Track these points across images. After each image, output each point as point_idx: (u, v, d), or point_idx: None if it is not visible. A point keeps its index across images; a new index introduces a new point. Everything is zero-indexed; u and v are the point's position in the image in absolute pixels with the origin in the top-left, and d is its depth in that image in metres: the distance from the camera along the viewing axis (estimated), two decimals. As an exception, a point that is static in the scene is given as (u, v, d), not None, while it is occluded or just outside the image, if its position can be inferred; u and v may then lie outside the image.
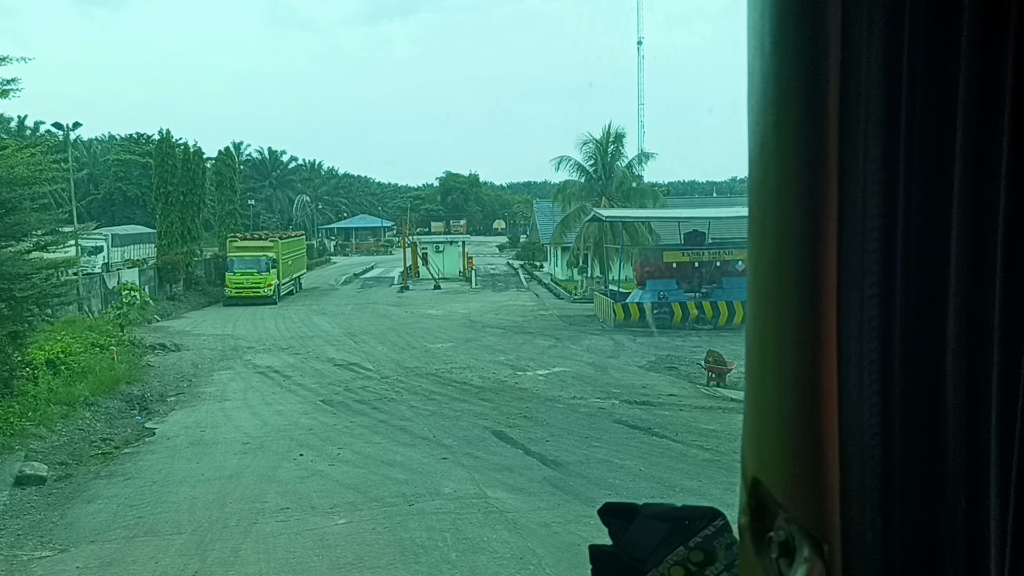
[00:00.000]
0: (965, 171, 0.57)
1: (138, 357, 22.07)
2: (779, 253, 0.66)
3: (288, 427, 14.15)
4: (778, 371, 0.67)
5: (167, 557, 8.12)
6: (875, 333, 0.60)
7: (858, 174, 0.60)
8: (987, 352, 0.57)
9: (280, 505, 9.66)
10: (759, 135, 0.67)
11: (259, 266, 37.89)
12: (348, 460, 11.83)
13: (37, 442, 12.88)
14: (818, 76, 0.60)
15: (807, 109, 0.62)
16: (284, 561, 7.90)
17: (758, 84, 0.66)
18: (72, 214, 30.10)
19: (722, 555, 0.92)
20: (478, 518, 8.99)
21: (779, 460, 0.67)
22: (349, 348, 23.53)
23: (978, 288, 0.57)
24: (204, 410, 16.04)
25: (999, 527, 0.57)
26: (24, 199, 15.16)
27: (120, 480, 11.20)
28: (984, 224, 0.56)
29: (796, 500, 0.65)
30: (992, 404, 0.56)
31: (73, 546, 8.64)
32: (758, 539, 0.70)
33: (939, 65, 0.57)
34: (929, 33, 0.57)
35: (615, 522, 0.96)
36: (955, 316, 0.58)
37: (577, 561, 7.51)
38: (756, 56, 0.66)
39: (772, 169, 0.65)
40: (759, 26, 0.65)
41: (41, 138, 33.61)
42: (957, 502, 0.59)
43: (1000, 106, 0.55)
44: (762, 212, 0.68)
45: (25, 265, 14.97)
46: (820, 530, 0.63)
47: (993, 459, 0.57)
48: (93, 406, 15.68)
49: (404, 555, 8.05)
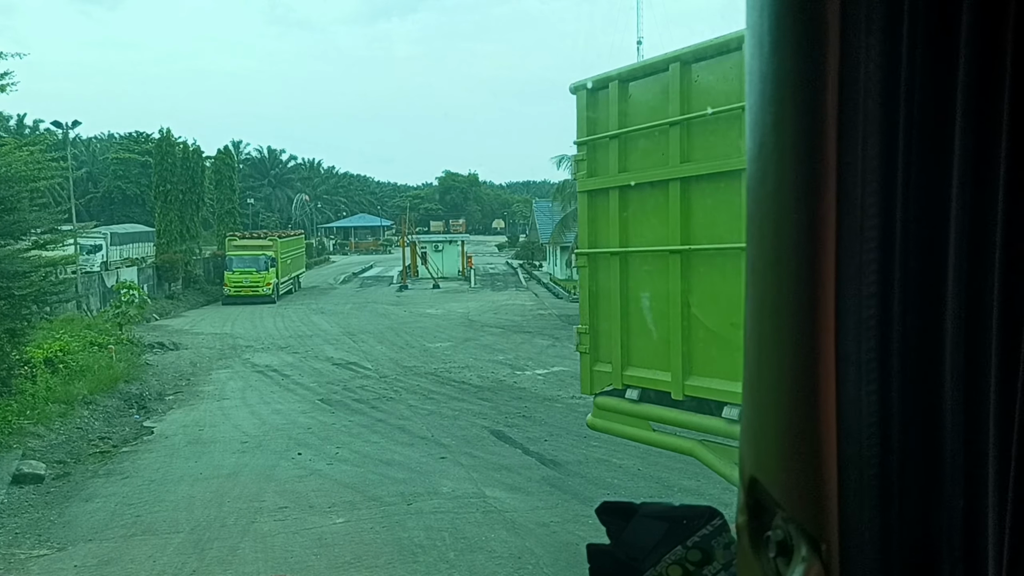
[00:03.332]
0: (963, 170, 0.57)
1: (136, 356, 22.07)
2: (777, 252, 0.66)
3: (286, 426, 14.15)
4: (776, 370, 0.67)
5: (165, 556, 8.12)
6: (873, 332, 0.60)
7: (856, 173, 0.60)
8: (985, 351, 0.57)
9: (278, 504, 9.66)
10: (757, 134, 0.67)
11: (258, 265, 37.90)
12: (346, 459, 11.83)
13: (35, 440, 12.88)
14: (816, 75, 0.60)
15: (805, 108, 0.62)
16: (282, 560, 7.89)
17: (756, 83, 0.66)
18: (71, 212, 30.07)
19: (720, 554, 0.92)
20: (476, 517, 8.99)
21: (777, 459, 0.67)
22: (348, 347, 23.54)
23: (976, 287, 0.57)
24: (202, 409, 16.03)
25: (997, 526, 0.57)
26: (23, 197, 15.15)
27: (118, 479, 11.20)
28: (982, 222, 0.56)
29: (794, 499, 0.65)
30: (990, 403, 0.56)
31: (71, 544, 8.64)
32: (756, 538, 0.70)
33: (937, 64, 0.57)
34: (928, 31, 0.57)
35: (613, 521, 0.97)
36: (953, 315, 0.58)
37: (575, 560, 7.51)
38: (755, 55, 0.66)
39: (770, 168, 0.65)
40: (758, 25, 0.65)
41: (40, 136, 33.56)
42: (955, 501, 0.59)
43: (999, 104, 0.55)
44: (760, 211, 0.68)
45: (24, 263, 14.96)
46: (818, 529, 0.63)
47: (991, 458, 0.57)
48: (91, 405, 15.67)
49: (402, 554, 8.05)
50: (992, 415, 0.56)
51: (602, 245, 7.76)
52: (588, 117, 7.68)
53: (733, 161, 6.18)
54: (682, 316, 6.81)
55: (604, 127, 7.53)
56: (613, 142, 7.42)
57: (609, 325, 7.61)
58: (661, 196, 6.94)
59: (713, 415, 6.54)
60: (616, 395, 7.53)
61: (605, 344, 7.68)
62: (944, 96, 0.57)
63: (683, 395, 6.81)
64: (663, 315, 7.00)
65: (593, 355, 7.88)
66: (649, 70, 7.12)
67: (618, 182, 7.43)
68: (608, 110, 7.41)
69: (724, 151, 6.37)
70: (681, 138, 6.73)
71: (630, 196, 7.37)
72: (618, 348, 7.46)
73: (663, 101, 6.86)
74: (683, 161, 6.74)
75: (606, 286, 7.71)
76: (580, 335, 8.07)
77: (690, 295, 6.80)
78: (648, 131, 7.15)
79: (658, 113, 6.93)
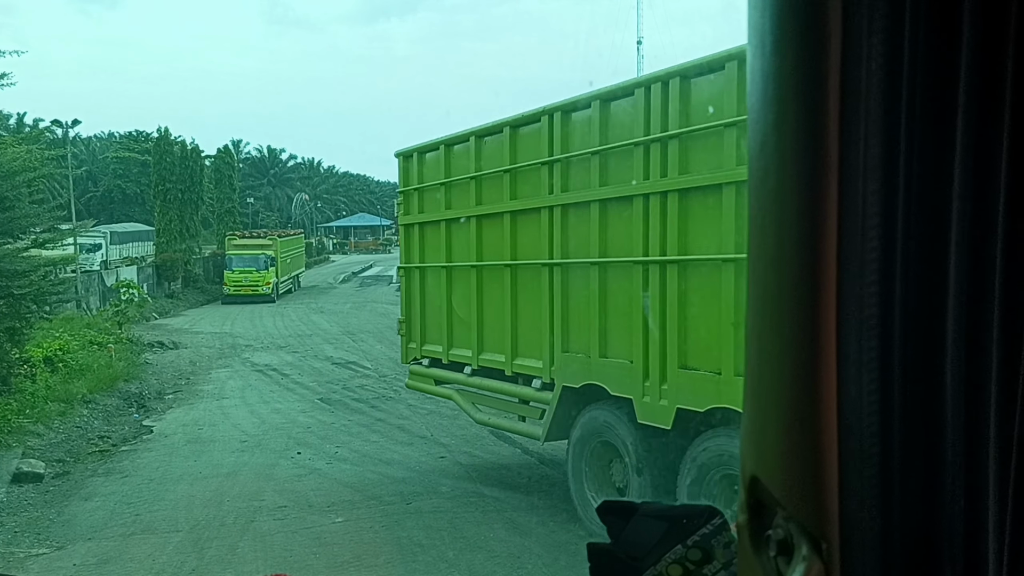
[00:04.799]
0: (965, 169, 0.57)
1: (136, 355, 22.07)
2: (778, 251, 0.66)
3: (286, 425, 14.16)
4: (777, 369, 0.67)
5: (164, 555, 8.11)
6: (874, 331, 0.60)
7: (858, 172, 0.60)
8: (986, 351, 0.57)
9: (278, 503, 9.66)
10: (759, 133, 0.67)
11: (257, 264, 37.92)
12: (346, 458, 11.84)
13: (34, 439, 12.87)
14: (818, 74, 0.61)
15: (807, 107, 0.62)
16: (281, 559, 7.89)
17: (758, 82, 0.66)
18: (71, 211, 30.07)
19: (720, 553, 0.92)
20: (476, 517, 8.99)
21: (778, 458, 0.67)
22: (347, 347, 23.53)
23: (978, 287, 0.57)
24: (202, 408, 16.04)
25: (998, 526, 0.57)
26: (21, 195, 15.14)
27: (117, 478, 11.20)
28: (984, 223, 0.56)
29: (795, 498, 0.65)
30: (991, 402, 0.57)
31: (70, 543, 8.64)
32: (756, 537, 0.70)
33: (940, 63, 0.57)
34: (929, 31, 0.57)
35: (613, 520, 0.97)
36: (955, 315, 0.58)
37: (574, 560, 7.52)
38: (756, 54, 0.66)
39: (772, 167, 0.66)
40: (759, 24, 0.65)
41: (38, 133, 33.55)
42: (956, 500, 0.59)
43: (1000, 104, 0.55)
44: (762, 210, 0.68)
45: (23, 262, 14.95)
46: (819, 528, 0.63)
47: (992, 458, 0.57)
48: (91, 404, 15.67)
49: (402, 553, 8.05)
50: (993, 414, 0.57)
51: (412, 262, 11.05)
52: (404, 174, 11.14)
53: (499, 205, 9.00)
54: (447, 311, 10.20)
55: (410, 182, 10.97)
56: (415, 192, 10.91)
57: (415, 317, 11.05)
58: (439, 231, 10.29)
59: (460, 372, 10.04)
60: (417, 364, 11.09)
61: (414, 329, 11.09)
62: (946, 96, 0.57)
63: (448, 360, 10.29)
64: (442, 310, 10.30)
65: (407, 337, 11.30)
66: (433, 147, 10.42)
67: (419, 220, 10.83)
68: (412, 170, 10.91)
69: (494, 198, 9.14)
70: (446, 191, 10.17)
71: (425, 229, 10.73)
72: (419, 332, 10.98)
73: (445, 166, 10.11)
74: (447, 208, 10.15)
75: (414, 290, 11.05)
76: (400, 324, 11.54)
77: (453, 296, 10.06)
78: (434, 187, 10.42)
79: (441, 174, 10.17)
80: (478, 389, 9.85)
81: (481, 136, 9.36)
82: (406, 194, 11.03)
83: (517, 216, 8.76)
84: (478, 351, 9.55)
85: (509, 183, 8.80)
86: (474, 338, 9.56)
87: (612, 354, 7.73)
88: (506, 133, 8.81)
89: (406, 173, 11.00)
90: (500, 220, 9.00)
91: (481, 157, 9.29)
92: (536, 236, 8.47)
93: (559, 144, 8.05)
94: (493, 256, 9.19)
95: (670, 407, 6.99)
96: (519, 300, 8.83)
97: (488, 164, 9.21)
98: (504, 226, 8.93)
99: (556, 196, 8.16)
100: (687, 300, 6.90)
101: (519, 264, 8.80)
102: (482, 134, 9.35)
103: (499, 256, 9.05)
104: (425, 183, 10.59)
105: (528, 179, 8.60)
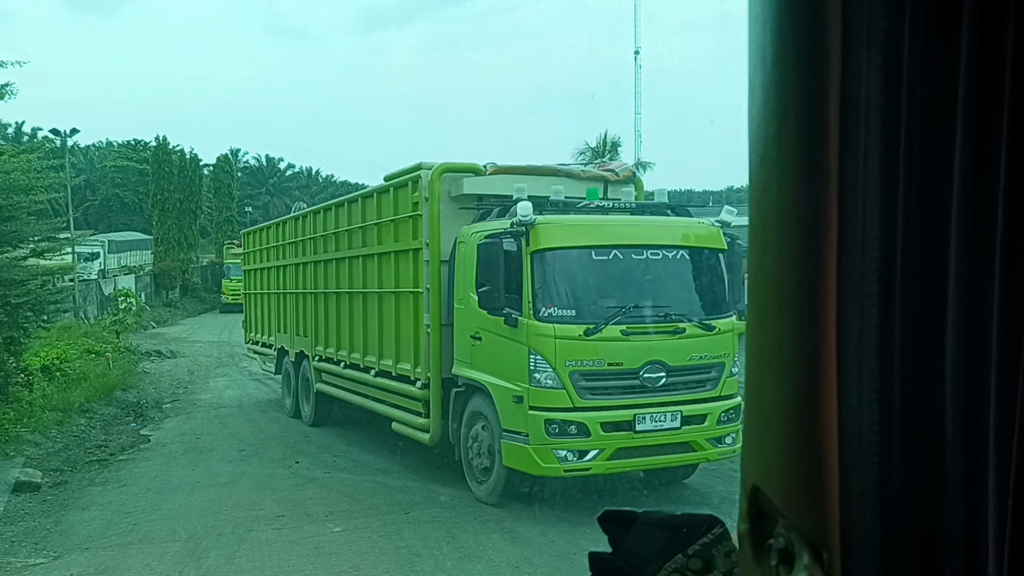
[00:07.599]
0: (964, 182, 0.57)
1: (134, 364, 22.03)
2: (779, 262, 0.66)
3: (284, 434, 14.13)
4: (778, 379, 0.67)
5: (162, 564, 8.08)
6: (874, 341, 0.61)
7: (858, 184, 0.60)
8: (986, 360, 0.57)
9: (276, 512, 9.62)
10: (760, 146, 0.68)
11: (256, 273, 37.83)
12: (344, 467, 11.81)
13: (32, 448, 12.83)
14: (819, 87, 0.61)
15: (808, 120, 0.62)
16: (280, 569, 7.86)
17: (759, 95, 0.67)
18: (69, 220, 30.06)
19: (721, 563, 0.92)
20: (474, 526, 8.96)
21: (779, 467, 0.68)
22: (345, 355, 23.44)
23: (977, 296, 0.57)
24: (200, 417, 16.00)
25: (997, 535, 0.57)
26: (21, 206, 15.13)
27: (115, 487, 11.16)
28: (983, 233, 0.57)
29: (796, 507, 0.66)
30: (991, 412, 0.57)
31: (67, 553, 8.60)
32: (757, 546, 0.70)
33: (939, 76, 0.58)
34: (929, 44, 0.58)
35: (614, 529, 0.97)
36: (954, 324, 0.59)
37: (574, 571, 7.49)
38: (757, 67, 0.67)
39: (773, 179, 0.66)
40: (760, 38, 0.66)
41: (37, 143, 33.55)
42: (956, 509, 0.60)
43: (999, 118, 0.55)
44: (763, 222, 0.69)
45: (21, 271, 14.94)
46: (820, 537, 0.64)
47: (992, 467, 0.57)
48: (88, 413, 15.63)
49: (400, 563, 8.01)
50: (993, 424, 0.57)
51: (249, 289, 19.48)
52: (245, 239, 20.16)
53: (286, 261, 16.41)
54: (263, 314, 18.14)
55: (247, 246, 19.70)
56: (249, 253, 19.37)
57: (250, 314, 19.09)
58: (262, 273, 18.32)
59: (261, 344, 18.23)
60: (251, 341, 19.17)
61: (248, 324, 19.21)
62: (945, 108, 0.58)
63: (261, 339, 18.30)
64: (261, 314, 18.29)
65: (245, 326, 19.47)
66: (259, 229, 19.33)
67: (251, 267, 19.32)
68: (250, 238, 19.49)
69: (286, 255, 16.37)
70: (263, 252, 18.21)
71: (253, 272, 18.97)
72: (251, 324, 18.97)
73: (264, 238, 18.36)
74: (264, 260, 18.20)
75: (251, 303, 19.15)
76: (245, 318, 19.64)
77: (265, 306, 17.87)
78: (258, 250, 18.64)
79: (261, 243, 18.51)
80: (263, 351, 17.97)
81: (279, 224, 17.21)
82: (246, 254, 19.80)
83: (292, 266, 15.89)
84: (269, 333, 17.39)
85: (293, 247, 15.74)
86: (269, 326, 17.44)
87: (310, 335, 14.77)
88: (290, 222, 16.18)
89: (246, 239, 19.87)
90: (286, 268, 16.29)
91: (280, 234, 16.87)
92: (300, 276, 15.39)
93: (316, 228, 14.52)
94: (284, 287, 16.40)
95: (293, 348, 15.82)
96: (286, 307, 16.23)
97: (282, 238, 16.58)
98: (288, 271, 16.20)
99: (313, 256, 14.69)
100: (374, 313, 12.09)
101: (289, 292, 16.07)
102: (279, 223, 17.22)
103: (285, 287, 16.32)
104: (251, 248, 19.19)
105: (303, 246, 15.20)
